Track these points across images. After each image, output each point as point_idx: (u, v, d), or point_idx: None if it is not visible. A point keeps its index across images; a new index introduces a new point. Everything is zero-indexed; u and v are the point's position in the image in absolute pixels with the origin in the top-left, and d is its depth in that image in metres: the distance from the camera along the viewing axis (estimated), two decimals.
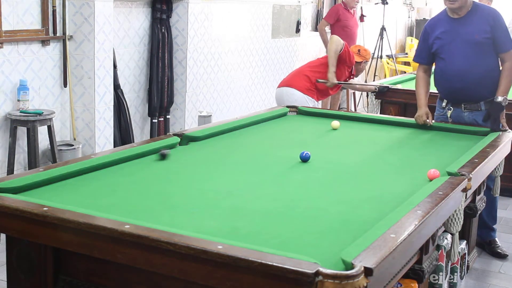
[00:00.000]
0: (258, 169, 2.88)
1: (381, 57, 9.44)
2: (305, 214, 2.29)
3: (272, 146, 3.35)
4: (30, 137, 4.40)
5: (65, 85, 4.85)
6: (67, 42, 4.79)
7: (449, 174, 2.75)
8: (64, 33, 4.78)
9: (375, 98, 5.47)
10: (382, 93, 5.33)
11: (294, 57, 8.01)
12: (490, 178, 3.63)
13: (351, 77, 5.59)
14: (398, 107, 5.26)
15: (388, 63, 10.07)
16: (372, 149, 3.39)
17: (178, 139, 3.20)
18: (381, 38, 9.16)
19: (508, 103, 3.92)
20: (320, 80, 5.17)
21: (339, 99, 7.61)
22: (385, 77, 9.62)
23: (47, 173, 2.47)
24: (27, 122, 4.38)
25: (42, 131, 4.61)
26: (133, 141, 5.37)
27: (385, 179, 2.81)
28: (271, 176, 2.79)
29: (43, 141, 4.67)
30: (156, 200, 2.37)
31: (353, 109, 8.46)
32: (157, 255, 1.85)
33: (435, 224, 2.37)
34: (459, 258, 3.00)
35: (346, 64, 5.31)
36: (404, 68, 10.15)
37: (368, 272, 1.70)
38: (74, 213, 2.02)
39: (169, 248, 1.81)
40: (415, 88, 4.12)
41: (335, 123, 3.83)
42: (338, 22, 7.75)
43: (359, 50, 5.58)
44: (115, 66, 5.17)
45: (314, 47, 8.38)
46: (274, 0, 7.47)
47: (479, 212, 3.34)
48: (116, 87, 5.21)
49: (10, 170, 4.39)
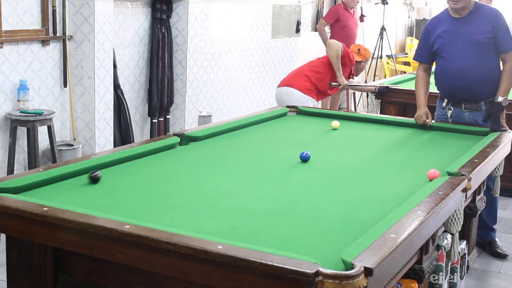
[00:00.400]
0: (258, 169, 2.88)
1: (381, 57, 9.45)
2: (305, 214, 2.29)
3: (272, 146, 3.35)
4: (30, 137, 4.39)
5: (65, 85, 4.85)
6: (67, 42, 4.79)
7: (449, 174, 2.75)
8: (64, 33, 4.78)
9: (375, 98, 5.47)
10: (382, 93, 5.33)
11: (294, 57, 8.01)
12: (490, 178, 3.63)
13: (351, 77, 5.59)
14: (398, 107, 5.26)
15: (388, 63, 10.07)
16: (372, 149, 3.39)
17: (178, 139, 3.20)
18: (381, 38, 9.17)
19: (508, 103, 3.92)
20: (334, 84, 5.20)
21: (339, 99, 7.61)
22: (385, 77, 9.61)
23: (47, 173, 2.47)
24: (27, 122, 4.38)
25: (42, 131, 4.61)
26: (133, 141, 5.36)
27: (385, 179, 2.81)
28: (271, 176, 2.79)
29: (43, 141, 4.67)
30: (156, 200, 2.37)
31: (353, 109, 8.46)
32: (157, 255, 1.85)
33: (435, 224, 2.37)
34: (459, 258, 3.00)
35: (347, 65, 5.32)
36: (404, 68, 10.15)
37: (368, 272, 1.70)
38: (74, 213, 2.02)
39: (169, 248, 1.81)
40: (415, 88, 4.12)
41: (335, 123, 3.83)
42: (338, 22, 7.76)
43: (359, 50, 5.59)
44: (115, 66, 5.17)
45: (314, 47, 8.38)
46: (274, 0, 7.47)
47: (479, 212, 3.34)
48: (116, 87, 5.21)
49: (10, 170, 4.39)
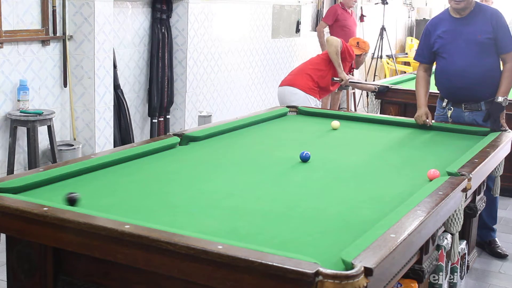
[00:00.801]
0: (258, 169, 2.88)
1: (381, 57, 9.45)
2: (305, 214, 2.28)
3: (272, 146, 3.35)
4: (30, 137, 4.39)
5: (65, 85, 4.85)
6: (67, 42, 4.79)
7: (449, 174, 2.75)
8: (64, 33, 4.78)
9: (375, 98, 5.47)
10: (382, 93, 5.33)
11: (294, 57, 8.01)
12: (490, 178, 3.63)
13: (352, 70, 5.62)
14: (398, 107, 5.25)
15: (388, 63, 10.07)
16: (372, 149, 3.39)
17: (178, 139, 3.20)
18: (381, 38, 9.17)
19: (508, 103, 3.92)
20: (336, 79, 5.21)
21: (339, 99, 7.61)
22: (385, 77, 9.61)
23: (47, 173, 2.47)
24: (27, 122, 4.38)
25: (42, 131, 4.61)
26: (133, 141, 5.37)
27: (385, 179, 2.81)
28: (271, 176, 2.79)
29: (43, 141, 4.67)
30: (156, 200, 2.37)
31: (353, 109, 8.46)
32: (157, 255, 1.85)
33: (435, 224, 2.36)
34: (459, 258, 3.00)
35: (347, 60, 5.34)
36: (404, 68, 10.15)
37: (368, 272, 1.70)
38: (74, 213, 2.02)
39: (169, 248, 1.81)
40: (415, 88, 4.12)
41: (335, 123, 3.83)
42: (337, 22, 7.75)
43: (358, 43, 5.60)
44: (115, 66, 5.17)
45: (314, 47, 8.37)
46: (274, 0, 7.47)
47: (479, 212, 3.34)
48: (116, 87, 5.21)
49: (10, 170, 4.39)
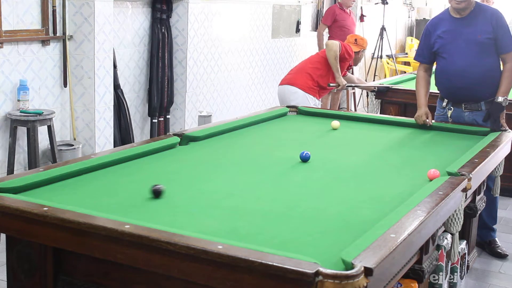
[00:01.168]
0: (258, 169, 2.88)
1: (381, 57, 9.45)
2: (305, 214, 2.28)
3: (272, 146, 3.35)
4: (30, 137, 4.39)
5: (65, 85, 4.85)
6: (67, 42, 4.79)
7: (449, 174, 2.75)
8: (64, 33, 4.78)
9: (375, 98, 5.47)
10: (382, 93, 5.33)
11: (294, 57, 8.01)
12: (490, 178, 3.63)
13: (350, 67, 5.63)
14: (398, 107, 5.26)
15: (388, 63, 10.07)
16: (372, 149, 3.39)
17: (178, 139, 3.20)
18: (381, 38, 9.17)
19: (508, 103, 3.92)
20: (332, 84, 5.23)
21: (339, 99, 7.62)
22: (385, 77, 9.61)
23: (47, 173, 2.47)
24: (27, 122, 4.38)
25: (42, 131, 4.61)
26: (133, 141, 5.36)
27: (385, 179, 2.81)
28: (271, 176, 2.79)
29: (43, 141, 4.67)
30: (156, 200, 2.37)
31: (353, 109, 8.46)
32: (157, 255, 1.85)
33: (435, 224, 2.36)
34: (459, 258, 3.00)
35: (347, 60, 5.36)
36: (404, 68, 10.15)
37: (368, 272, 1.70)
38: (74, 213, 2.02)
39: (169, 248, 1.81)
40: (416, 88, 4.12)
41: (335, 123, 3.83)
42: (335, 23, 7.75)
43: (356, 40, 5.61)
44: (115, 66, 5.17)
45: (314, 47, 8.37)
46: (274, 0, 7.47)
47: (479, 212, 3.34)
48: (116, 87, 5.21)
49: (10, 170, 4.39)
